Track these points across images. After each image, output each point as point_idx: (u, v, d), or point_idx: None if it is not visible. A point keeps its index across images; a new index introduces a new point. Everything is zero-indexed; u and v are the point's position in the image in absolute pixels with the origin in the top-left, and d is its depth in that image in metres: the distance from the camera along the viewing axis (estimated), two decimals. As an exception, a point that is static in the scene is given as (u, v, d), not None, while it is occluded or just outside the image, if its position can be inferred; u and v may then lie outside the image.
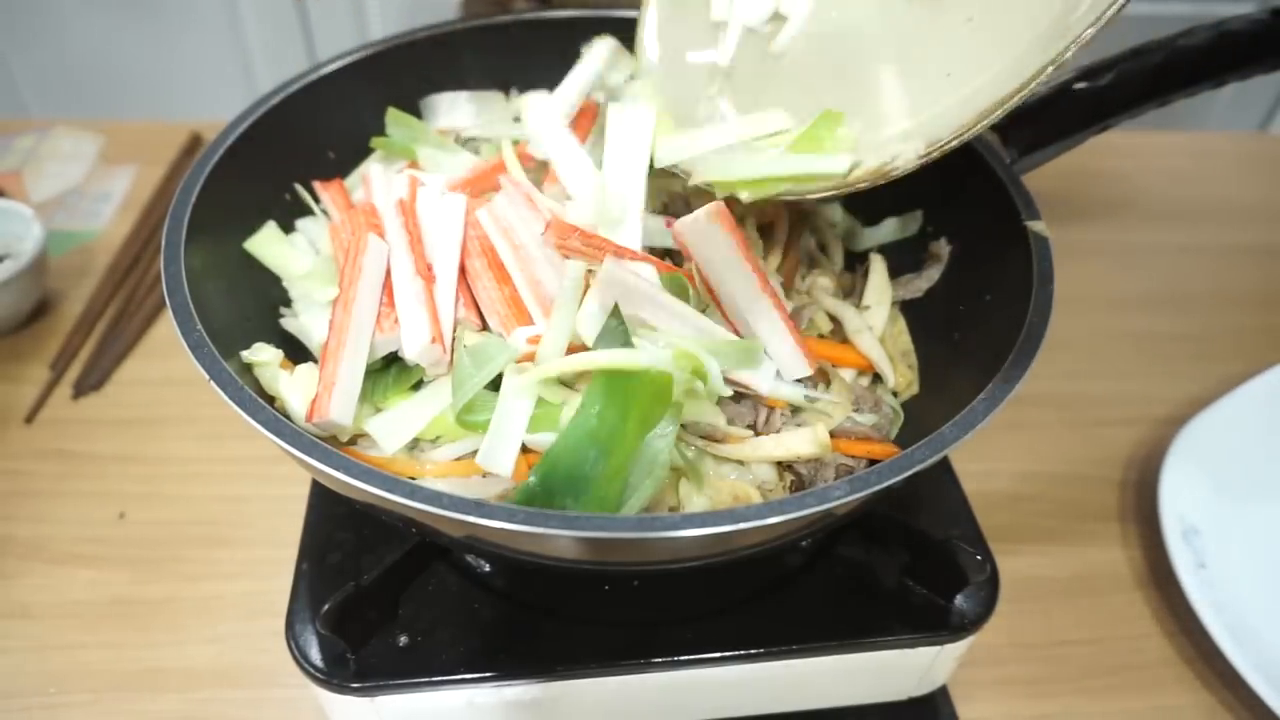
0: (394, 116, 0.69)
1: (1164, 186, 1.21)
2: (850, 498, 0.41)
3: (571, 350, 0.52)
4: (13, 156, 1.17)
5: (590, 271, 0.52)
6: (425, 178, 0.64)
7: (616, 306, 0.51)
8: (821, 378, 0.60)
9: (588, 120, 0.67)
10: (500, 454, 0.49)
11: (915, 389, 0.63)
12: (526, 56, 0.75)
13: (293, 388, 0.55)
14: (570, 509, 0.46)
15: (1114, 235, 1.13)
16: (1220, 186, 1.21)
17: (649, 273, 0.53)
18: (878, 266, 0.67)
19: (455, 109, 0.72)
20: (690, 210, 0.54)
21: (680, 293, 0.53)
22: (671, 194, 0.65)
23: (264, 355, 0.55)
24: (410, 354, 0.53)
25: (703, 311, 0.54)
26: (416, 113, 0.72)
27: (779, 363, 0.56)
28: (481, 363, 0.50)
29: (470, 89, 0.73)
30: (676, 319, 0.53)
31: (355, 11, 1.92)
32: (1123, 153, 1.24)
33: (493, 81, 0.74)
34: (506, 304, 0.55)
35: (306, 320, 0.60)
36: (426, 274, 0.56)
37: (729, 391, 0.52)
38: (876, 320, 0.64)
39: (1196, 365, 0.95)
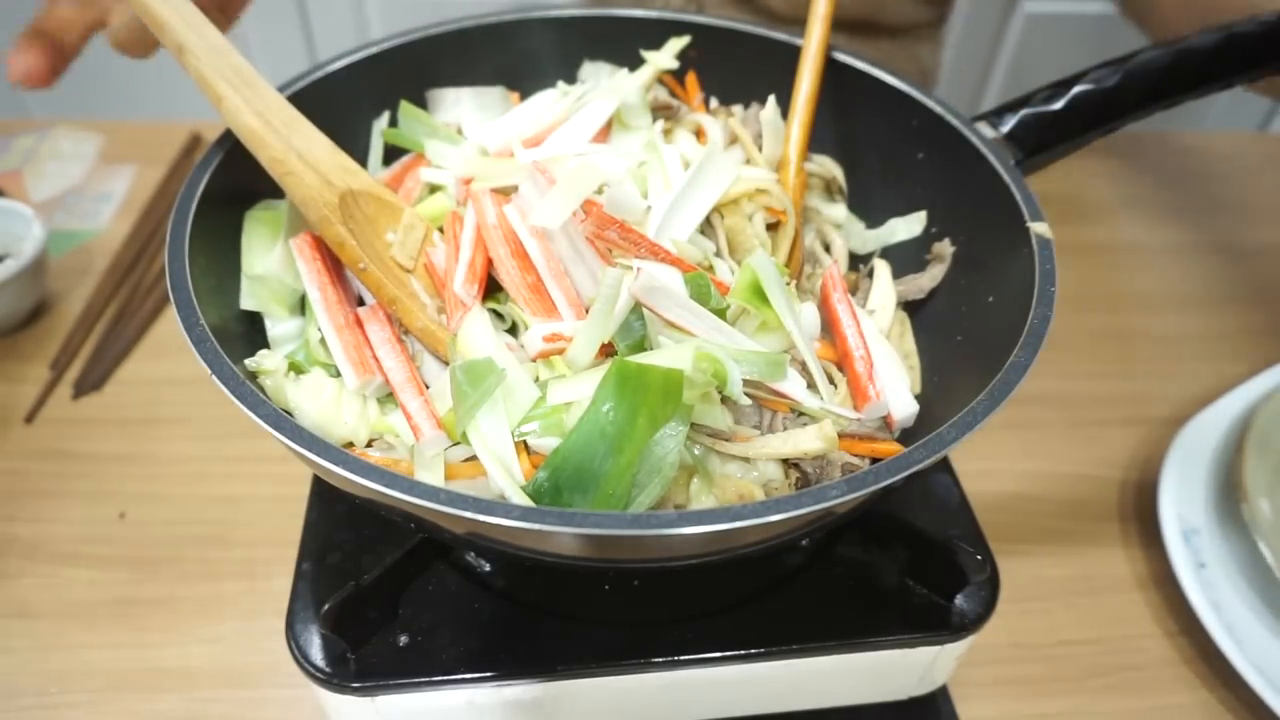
0: (406, 110, 0.69)
1: (1164, 186, 1.21)
2: (847, 497, 0.41)
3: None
4: (13, 156, 1.17)
5: (625, 267, 0.53)
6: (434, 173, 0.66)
7: (638, 303, 0.52)
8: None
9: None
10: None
11: (917, 389, 0.63)
12: (528, 55, 0.75)
13: (303, 394, 0.55)
14: (578, 506, 0.46)
15: (1114, 235, 1.13)
16: (1220, 186, 1.21)
17: (674, 275, 0.54)
18: (882, 272, 0.67)
19: (459, 103, 0.72)
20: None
21: (702, 293, 0.54)
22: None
23: (269, 363, 0.54)
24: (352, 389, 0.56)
25: (723, 314, 0.54)
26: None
27: (895, 407, 0.57)
28: (475, 382, 0.50)
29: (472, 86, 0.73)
30: (703, 323, 0.53)
31: (355, 11, 1.93)
32: (1123, 153, 1.24)
33: (494, 80, 0.74)
34: (531, 290, 0.57)
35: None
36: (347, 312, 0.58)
37: (748, 401, 0.52)
38: (882, 324, 0.64)
39: (1196, 365, 0.96)
